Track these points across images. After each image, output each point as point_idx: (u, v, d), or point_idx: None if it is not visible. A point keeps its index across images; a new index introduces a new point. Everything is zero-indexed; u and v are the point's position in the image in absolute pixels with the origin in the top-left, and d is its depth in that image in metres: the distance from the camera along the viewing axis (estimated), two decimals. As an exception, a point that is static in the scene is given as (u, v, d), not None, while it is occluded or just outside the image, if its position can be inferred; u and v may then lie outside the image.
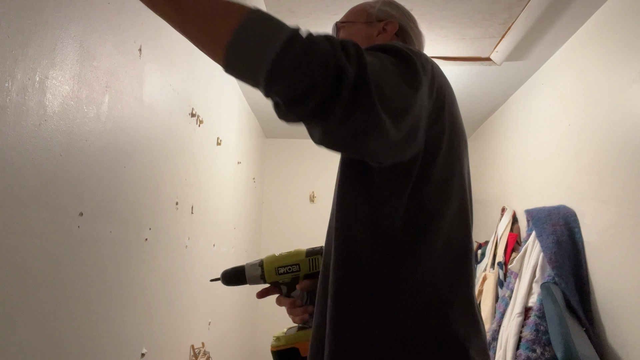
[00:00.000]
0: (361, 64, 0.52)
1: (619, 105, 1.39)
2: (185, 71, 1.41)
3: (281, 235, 3.01)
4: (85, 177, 0.85)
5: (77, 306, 0.83)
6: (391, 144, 0.59)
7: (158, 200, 1.19)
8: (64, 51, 0.78)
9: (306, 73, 0.50)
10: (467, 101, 2.43)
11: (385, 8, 0.93)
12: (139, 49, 1.08)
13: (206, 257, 1.67)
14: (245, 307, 2.54)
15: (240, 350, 2.39)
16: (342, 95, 0.50)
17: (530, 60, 1.90)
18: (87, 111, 0.86)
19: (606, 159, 1.44)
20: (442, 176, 0.71)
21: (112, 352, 0.96)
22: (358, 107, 0.51)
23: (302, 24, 1.69)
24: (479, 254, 2.39)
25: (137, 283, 1.08)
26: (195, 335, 1.55)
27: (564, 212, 1.64)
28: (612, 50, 1.45)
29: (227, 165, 1.99)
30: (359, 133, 0.54)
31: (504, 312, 1.74)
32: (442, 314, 0.67)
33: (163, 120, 1.23)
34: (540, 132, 1.97)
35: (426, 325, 0.66)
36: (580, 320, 1.42)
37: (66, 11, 0.79)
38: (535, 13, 1.53)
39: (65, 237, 0.79)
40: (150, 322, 1.15)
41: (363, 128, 0.54)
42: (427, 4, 1.52)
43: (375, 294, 0.66)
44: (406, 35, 0.91)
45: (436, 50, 1.83)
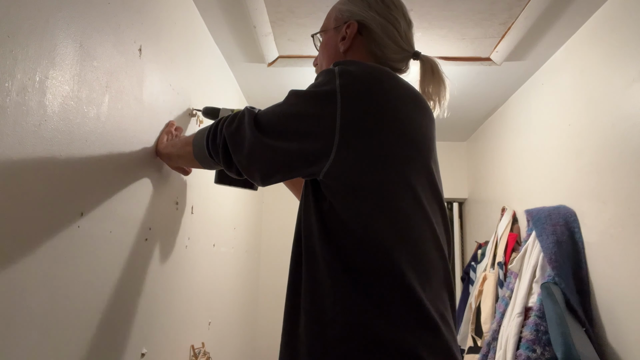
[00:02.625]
0: (223, 144, 0.86)
1: (619, 105, 1.39)
2: (185, 71, 1.41)
3: (281, 236, 3.01)
4: (85, 177, 0.85)
5: (77, 306, 0.83)
6: (262, 175, 0.83)
7: (158, 200, 1.19)
8: (64, 51, 0.78)
9: (212, 155, 0.91)
10: (467, 101, 2.43)
11: (347, 6, 0.92)
12: (139, 49, 1.08)
13: (206, 257, 1.67)
14: (245, 307, 2.54)
15: (240, 350, 2.39)
16: (220, 159, 0.88)
17: (530, 60, 1.90)
18: (87, 111, 0.86)
19: (606, 159, 1.44)
20: (371, 188, 0.75)
21: (112, 352, 0.96)
22: (226, 164, 0.87)
23: (302, 24, 1.70)
24: (479, 254, 2.39)
25: (137, 283, 1.08)
26: (195, 335, 1.55)
27: (564, 212, 1.64)
28: (612, 50, 1.45)
29: (227, 165, 1.99)
30: (239, 173, 0.87)
31: (504, 312, 1.74)
32: (383, 319, 0.70)
33: (163, 120, 1.23)
34: (540, 132, 1.97)
35: (367, 331, 0.69)
36: (580, 320, 1.42)
37: (66, 11, 0.79)
38: (535, 13, 1.53)
39: (65, 237, 0.79)
40: (150, 322, 1.15)
41: (237, 171, 0.86)
42: (427, 4, 1.52)
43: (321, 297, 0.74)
44: (369, 30, 0.89)
45: (436, 50, 1.83)
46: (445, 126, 2.88)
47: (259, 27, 1.68)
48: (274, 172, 0.82)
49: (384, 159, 0.75)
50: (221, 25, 1.67)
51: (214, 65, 1.81)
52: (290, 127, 0.78)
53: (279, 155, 0.79)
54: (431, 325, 0.71)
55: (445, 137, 3.12)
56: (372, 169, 0.74)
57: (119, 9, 0.98)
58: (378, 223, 0.73)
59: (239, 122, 0.84)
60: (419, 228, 0.76)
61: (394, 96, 0.79)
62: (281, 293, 2.51)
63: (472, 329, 2.11)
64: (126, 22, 1.01)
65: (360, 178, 0.74)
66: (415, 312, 0.70)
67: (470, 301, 2.22)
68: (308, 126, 0.76)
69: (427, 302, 0.72)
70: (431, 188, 0.81)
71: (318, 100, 0.76)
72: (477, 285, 2.17)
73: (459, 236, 3.11)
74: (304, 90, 0.79)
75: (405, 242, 0.73)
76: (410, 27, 0.95)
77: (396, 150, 0.76)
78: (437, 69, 0.93)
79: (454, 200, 3.14)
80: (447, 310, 0.77)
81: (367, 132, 0.74)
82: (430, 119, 0.88)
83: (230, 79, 2.10)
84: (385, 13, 0.90)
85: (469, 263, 2.49)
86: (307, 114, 0.76)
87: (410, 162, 0.77)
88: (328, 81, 0.76)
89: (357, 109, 0.74)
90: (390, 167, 0.75)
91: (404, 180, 0.76)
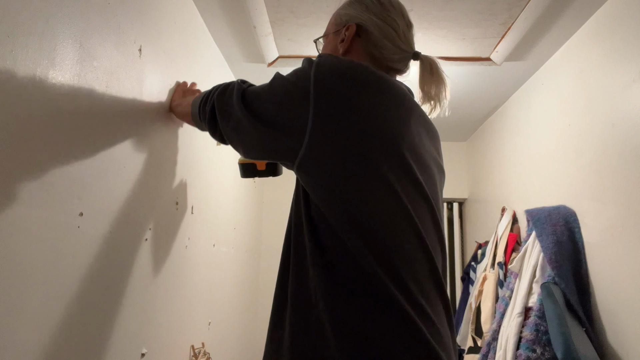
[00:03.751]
0: (211, 109, 0.95)
1: (619, 105, 1.39)
2: (185, 71, 1.41)
3: (281, 236, 3.00)
4: (85, 177, 0.85)
5: (77, 306, 0.83)
6: (244, 148, 0.91)
7: (158, 200, 1.19)
8: (64, 51, 0.78)
9: (200, 118, 1.03)
10: (467, 101, 2.43)
11: (346, 10, 0.95)
12: (139, 49, 1.08)
13: (206, 257, 1.67)
14: (245, 307, 2.54)
15: (240, 350, 2.40)
16: (206, 123, 0.99)
17: (530, 60, 1.90)
18: (87, 111, 0.86)
19: (606, 159, 1.44)
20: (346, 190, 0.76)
21: (112, 352, 0.96)
22: (211, 129, 0.97)
23: (302, 24, 1.70)
24: (479, 254, 2.39)
25: (137, 283, 1.08)
26: (195, 335, 1.55)
27: (564, 212, 1.64)
28: (612, 50, 1.45)
29: (227, 165, 1.99)
30: (223, 139, 0.97)
31: (504, 312, 1.74)
32: (356, 315, 0.72)
33: (163, 120, 1.23)
34: (540, 132, 1.97)
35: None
36: (580, 320, 1.42)
37: (66, 11, 0.79)
38: (535, 13, 1.53)
39: (65, 237, 0.79)
40: (150, 322, 1.15)
41: (220, 136, 0.96)
42: (427, 4, 1.52)
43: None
44: (367, 32, 0.91)
45: (436, 50, 1.83)
46: (445, 126, 2.88)
47: (259, 27, 1.68)
48: (252, 149, 0.89)
49: (355, 158, 0.76)
50: (221, 25, 1.67)
51: (214, 65, 1.81)
52: (269, 114, 0.82)
53: (257, 136, 0.84)
54: (406, 319, 0.71)
55: (445, 137, 3.12)
56: (342, 167, 0.75)
57: (119, 9, 0.98)
58: (349, 219, 0.74)
59: (229, 93, 0.90)
60: (397, 226, 0.76)
61: (368, 94, 0.79)
62: (281, 293, 2.40)
63: (472, 329, 2.11)
64: (126, 22, 1.01)
65: (330, 176, 0.76)
66: (387, 307, 0.71)
67: (470, 301, 2.22)
68: (283, 119, 0.80)
69: (401, 297, 0.71)
70: (414, 184, 0.80)
71: (294, 97, 0.79)
72: (477, 285, 2.17)
73: (459, 236, 3.11)
74: (286, 80, 0.82)
75: (377, 238, 0.74)
76: (410, 28, 0.96)
77: (367, 148, 0.76)
78: (436, 68, 0.93)
79: (454, 200, 3.14)
80: (432, 305, 0.76)
81: (336, 132, 0.75)
82: (416, 116, 0.87)
83: (230, 79, 2.10)
84: (383, 15, 0.91)
85: (469, 263, 2.49)
86: (283, 108, 0.80)
87: (383, 159, 0.77)
88: (304, 76, 0.79)
89: (328, 110, 0.76)
90: (362, 166, 0.76)
91: (377, 177, 0.76)
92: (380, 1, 0.93)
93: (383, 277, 0.72)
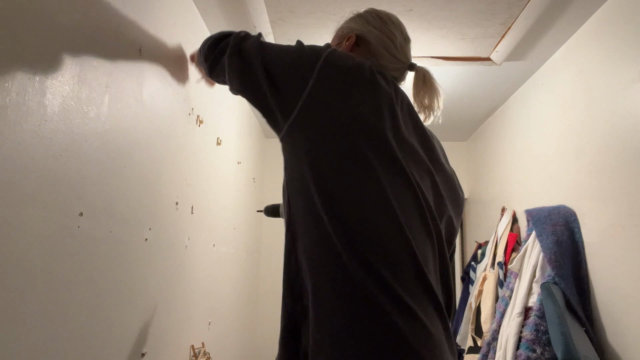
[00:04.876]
0: (220, 41, 1.02)
1: (619, 105, 1.39)
2: (185, 71, 1.41)
3: (281, 236, 3.00)
4: (85, 177, 0.85)
5: (77, 306, 0.83)
6: (238, 86, 0.95)
7: (158, 200, 1.19)
8: (64, 51, 0.78)
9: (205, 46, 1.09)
10: (467, 101, 2.43)
11: (348, 24, 1.04)
12: (139, 49, 1.08)
13: (206, 257, 1.67)
14: (245, 307, 2.54)
15: (240, 350, 2.40)
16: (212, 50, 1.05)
17: (530, 60, 1.90)
18: (87, 111, 0.86)
19: (606, 159, 1.44)
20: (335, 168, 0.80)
21: (112, 352, 0.96)
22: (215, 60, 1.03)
23: (302, 24, 1.70)
24: (479, 254, 2.39)
25: (137, 283, 1.08)
26: (195, 335, 1.55)
27: (564, 212, 1.64)
28: (612, 50, 1.45)
29: (227, 165, 1.99)
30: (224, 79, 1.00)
31: (504, 312, 1.74)
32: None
33: (163, 120, 1.23)
34: (540, 132, 1.97)
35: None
36: (580, 320, 1.42)
37: (66, 11, 0.79)
38: (535, 13, 1.53)
39: (65, 237, 0.79)
40: (150, 322, 1.15)
41: (216, 68, 1.04)
42: (427, 4, 1.52)
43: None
44: (366, 42, 0.99)
45: (436, 50, 1.83)
46: (445, 126, 2.88)
47: (259, 27, 1.68)
48: (248, 91, 0.93)
49: (337, 131, 0.81)
50: (221, 25, 1.67)
51: (214, 65, 1.81)
52: (276, 70, 0.88)
53: (258, 84, 0.88)
54: (365, 308, 0.72)
55: (445, 137, 3.12)
56: (324, 138, 0.81)
57: (119, 9, 0.98)
58: (321, 190, 0.78)
59: (249, 38, 0.96)
60: (367, 201, 0.78)
61: (364, 87, 0.85)
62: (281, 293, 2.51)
63: (472, 329, 2.11)
64: (126, 22, 1.01)
65: (312, 143, 0.81)
66: (352, 290, 0.73)
67: (470, 301, 2.22)
68: (285, 79, 0.86)
69: (368, 280, 0.73)
70: (395, 168, 0.82)
71: (302, 64, 0.86)
72: (477, 285, 2.17)
73: (459, 236, 3.11)
74: (302, 49, 0.89)
75: (346, 213, 0.77)
76: (407, 42, 1.03)
77: (351, 128, 0.81)
78: (429, 78, 1.00)
79: (454, 200, 3.14)
80: (414, 296, 0.75)
81: (326, 108, 0.82)
82: (406, 113, 0.92)
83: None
84: (382, 27, 0.99)
85: (469, 263, 2.49)
86: (290, 70, 0.86)
87: (363, 138, 0.81)
88: (318, 53, 0.86)
89: (325, 86, 0.83)
90: (342, 141, 0.81)
91: (356, 155, 0.80)
92: (380, 16, 1.01)
93: (347, 258, 0.74)
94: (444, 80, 2.16)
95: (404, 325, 0.71)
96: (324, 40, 1.76)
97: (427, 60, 1.89)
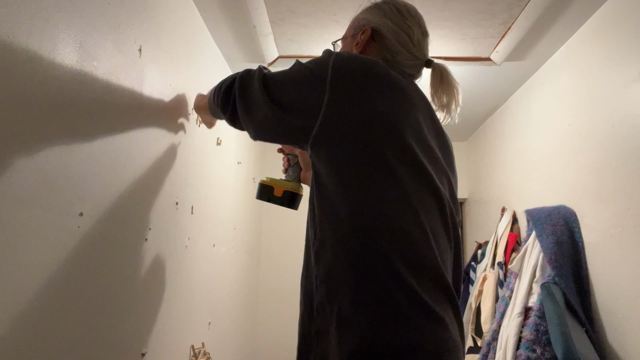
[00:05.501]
0: (229, 89, 0.99)
1: (619, 105, 1.39)
2: (185, 71, 1.41)
3: (281, 236, 3.01)
4: (85, 177, 0.85)
5: (77, 306, 0.83)
6: (255, 130, 0.94)
7: (158, 200, 1.19)
8: (64, 51, 0.78)
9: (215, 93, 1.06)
10: (467, 101, 2.42)
11: (364, 15, 1.00)
12: (139, 49, 1.08)
13: (206, 257, 1.67)
14: (245, 307, 2.54)
15: (240, 350, 2.40)
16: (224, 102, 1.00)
17: (530, 60, 1.90)
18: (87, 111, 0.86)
19: (606, 159, 1.44)
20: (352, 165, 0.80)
21: (112, 352, 0.96)
22: (226, 108, 1.00)
23: (302, 24, 1.70)
24: (479, 254, 2.39)
25: (137, 283, 1.08)
26: (195, 335, 1.55)
27: (564, 212, 1.64)
28: (612, 50, 1.45)
29: (227, 165, 1.99)
30: (233, 118, 0.99)
31: (504, 312, 1.74)
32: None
33: (163, 120, 1.23)
34: (540, 132, 1.97)
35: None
36: (580, 320, 1.42)
37: (66, 11, 0.79)
38: (535, 13, 1.53)
39: (65, 237, 0.79)
40: (150, 322, 1.15)
41: (231, 115, 0.99)
42: (427, 4, 1.52)
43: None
44: (381, 37, 0.96)
45: (436, 50, 1.83)
46: (446, 126, 2.88)
47: (259, 27, 1.68)
48: (266, 130, 0.92)
49: (358, 138, 0.80)
50: (221, 25, 1.67)
51: (214, 65, 1.81)
52: (287, 98, 0.86)
53: (272, 117, 0.87)
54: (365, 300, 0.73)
55: (445, 137, 3.12)
56: (348, 144, 0.80)
57: (119, 9, 0.98)
58: (355, 205, 0.78)
59: (251, 76, 0.94)
60: (400, 213, 0.78)
61: (378, 87, 0.83)
62: (281, 293, 2.54)
63: (472, 329, 2.11)
64: (126, 22, 1.01)
65: (337, 151, 0.81)
66: (376, 286, 0.74)
67: (470, 301, 2.22)
68: (299, 102, 0.85)
69: (386, 275, 0.73)
70: (416, 167, 0.82)
71: (312, 82, 0.84)
72: (477, 285, 2.17)
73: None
74: (305, 67, 0.87)
75: (369, 214, 0.77)
76: (425, 36, 0.98)
77: (371, 131, 0.80)
78: (446, 75, 0.97)
79: (454, 200, 3.13)
80: (439, 304, 0.75)
81: (346, 116, 0.81)
82: (425, 113, 0.90)
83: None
84: (399, 21, 0.94)
85: (469, 263, 2.49)
86: (301, 92, 0.85)
87: (383, 140, 0.80)
88: (323, 64, 0.84)
89: (342, 96, 0.81)
90: (364, 145, 0.80)
91: (376, 156, 0.79)
92: (399, 8, 0.96)
93: (373, 267, 0.73)
94: (444, 80, 2.16)
95: (432, 334, 0.72)
96: (324, 40, 1.76)
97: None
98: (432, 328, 0.72)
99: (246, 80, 0.94)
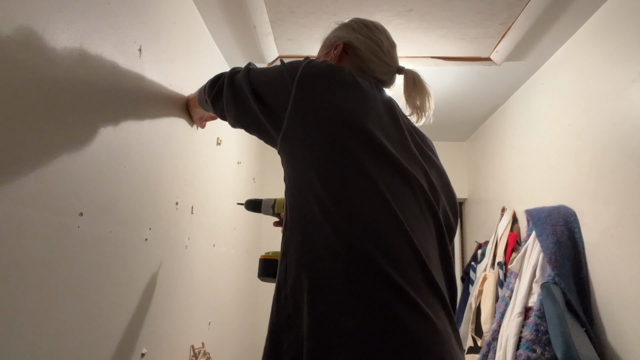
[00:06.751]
0: (221, 85, 1.07)
1: (619, 105, 1.39)
2: (185, 71, 1.41)
3: (281, 235, 3.00)
4: (85, 177, 0.85)
5: (77, 306, 0.83)
6: (234, 116, 1.02)
7: (158, 200, 1.19)
8: (64, 51, 0.78)
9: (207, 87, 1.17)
10: (467, 101, 2.43)
11: (334, 34, 1.07)
12: (139, 49, 1.08)
13: (206, 257, 1.67)
14: (245, 307, 2.54)
15: (240, 350, 2.40)
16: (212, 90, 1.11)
17: (530, 60, 1.90)
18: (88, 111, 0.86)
19: (606, 159, 1.44)
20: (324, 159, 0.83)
21: (112, 352, 0.96)
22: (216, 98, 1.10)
23: (302, 24, 1.70)
24: (479, 254, 2.39)
25: (137, 283, 1.08)
26: (195, 335, 1.55)
27: (564, 212, 1.64)
28: (612, 50, 1.45)
29: (227, 165, 1.99)
30: (222, 109, 1.07)
31: (504, 312, 1.74)
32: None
33: (163, 120, 1.23)
34: (540, 132, 1.97)
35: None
36: (580, 320, 1.42)
37: (66, 11, 0.79)
38: (535, 13, 1.53)
39: (65, 237, 0.79)
40: (150, 322, 1.15)
41: (221, 107, 1.07)
42: (427, 4, 1.52)
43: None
44: (353, 48, 1.02)
45: (436, 50, 1.83)
46: (445, 126, 2.88)
47: (259, 27, 1.68)
48: (242, 117, 0.99)
49: (322, 133, 0.84)
50: (221, 25, 1.67)
51: (214, 65, 1.81)
52: (263, 91, 0.94)
53: (249, 107, 0.95)
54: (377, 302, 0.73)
55: (445, 137, 3.12)
56: (311, 139, 0.84)
57: (119, 9, 0.98)
58: (316, 184, 0.81)
59: (239, 70, 1.03)
60: (365, 198, 0.80)
61: (341, 89, 0.88)
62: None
63: (472, 329, 2.11)
64: (126, 22, 1.01)
65: (301, 147, 0.85)
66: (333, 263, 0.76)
67: (470, 301, 2.22)
68: (271, 98, 0.92)
69: (362, 266, 0.74)
70: (393, 166, 0.84)
71: (282, 82, 0.91)
72: (477, 285, 2.17)
73: (459, 236, 3.11)
74: (282, 67, 0.93)
75: (342, 205, 0.79)
76: (394, 47, 1.06)
77: (333, 127, 0.84)
78: (419, 80, 1.03)
79: (454, 200, 3.14)
80: (418, 289, 0.75)
81: (308, 114, 0.86)
82: (393, 113, 0.94)
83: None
84: (368, 34, 1.02)
85: (469, 263, 2.49)
86: (273, 89, 0.92)
87: (347, 135, 0.84)
88: (295, 68, 0.91)
89: (304, 97, 0.87)
90: (328, 141, 0.83)
91: (348, 157, 0.82)
92: (366, 24, 1.04)
93: (347, 256, 0.75)
94: (444, 80, 2.16)
95: (410, 319, 0.71)
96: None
97: (427, 60, 1.89)
98: (394, 302, 0.73)
99: (235, 70, 1.04)
